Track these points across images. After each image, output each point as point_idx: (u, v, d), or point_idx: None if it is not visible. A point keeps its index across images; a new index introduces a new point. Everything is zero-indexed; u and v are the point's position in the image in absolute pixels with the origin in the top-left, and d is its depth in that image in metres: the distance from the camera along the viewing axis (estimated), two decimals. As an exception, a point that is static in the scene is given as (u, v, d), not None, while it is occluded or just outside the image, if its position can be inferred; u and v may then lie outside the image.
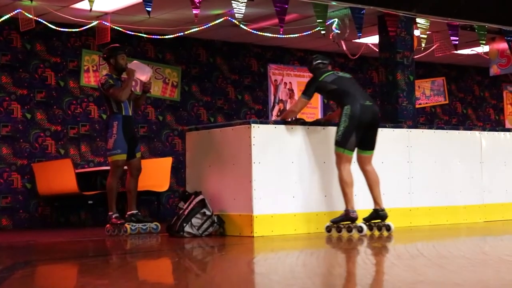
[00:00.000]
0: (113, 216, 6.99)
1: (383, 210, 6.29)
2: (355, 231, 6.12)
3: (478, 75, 13.77)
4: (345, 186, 6.16)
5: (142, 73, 7.03)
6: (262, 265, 4.35)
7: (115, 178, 6.96)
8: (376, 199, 6.31)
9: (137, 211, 7.10)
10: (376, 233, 6.26)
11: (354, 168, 6.33)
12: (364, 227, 6.13)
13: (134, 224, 6.99)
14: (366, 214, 6.37)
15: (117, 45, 7.33)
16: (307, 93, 6.49)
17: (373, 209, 6.33)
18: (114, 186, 6.97)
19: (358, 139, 6.17)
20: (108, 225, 7.05)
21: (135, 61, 7.21)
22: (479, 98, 13.89)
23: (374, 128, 6.30)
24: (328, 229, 6.27)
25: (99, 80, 7.11)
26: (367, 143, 6.28)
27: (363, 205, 6.52)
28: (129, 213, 7.06)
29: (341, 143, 6.15)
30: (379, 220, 6.31)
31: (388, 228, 6.26)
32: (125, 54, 7.11)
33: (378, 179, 6.33)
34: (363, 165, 6.34)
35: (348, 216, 6.16)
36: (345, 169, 6.15)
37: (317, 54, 6.80)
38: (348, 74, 6.61)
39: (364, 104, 6.20)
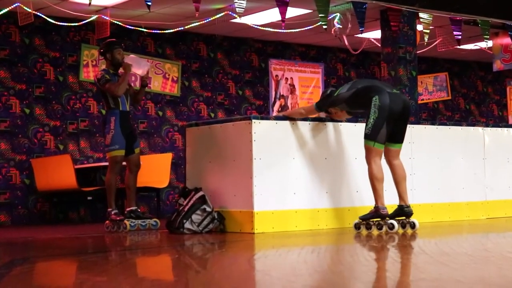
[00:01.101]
0: (112, 213, 6.94)
1: (408, 206, 6.04)
2: (386, 228, 5.92)
3: (481, 70, 13.71)
4: (375, 182, 5.90)
5: (139, 67, 6.97)
6: (263, 262, 4.30)
7: (113, 174, 6.92)
8: (402, 195, 6.05)
9: (136, 208, 7.05)
10: (400, 230, 6.02)
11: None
12: (396, 224, 5.89)
13: (134, 220, 6.94)
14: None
15: (114, 39, 7.28)
16: (321, 105, 6.32)
17: (398, 205, 6.08)
18: (113, 182, 6.92)
19: (389, 131, 5.88)
20: (107, 222, 7.00)
21: (131, 55, 7.15)
22: (482, 93, 13.83)
23: (405, 119, 6.01)
24: (357, 226, 6.03)
25: (95, 75, 7.05)
26: (396, 135, 5.99)
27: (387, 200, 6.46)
28: (128, 209, 7.02)
29: (371, 135, 5.83)
30: (403, 217, 6.06)
31: (413, 225, 6.01)
32: (122, 49, 7.04)
33: (405, 174, 6.08)
34: (391, 158, 6.05)
35: (378, 213, 5.91)
36: (376, 164, 5.89)
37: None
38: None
39: (392, 92, 5.95)
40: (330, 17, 8.93)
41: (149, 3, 7.20)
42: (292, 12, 9.05)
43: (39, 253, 5.36)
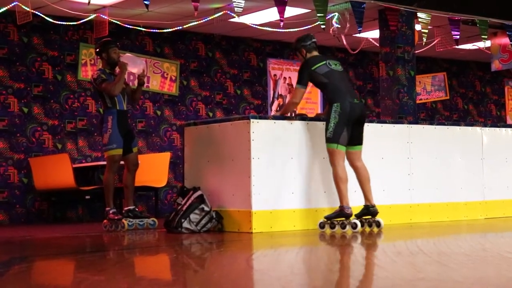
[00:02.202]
0: (110, 212, 6.94)
1: (373, 206, 6.28)
2: (349, 228, 6.08)
3: (480, 70, 13.72)
4: (339, 182, 6.13)
5: (135, 65, 6.95)
6: (261, 262, 4.30)
7: (111, 173, 6.91)
8: (367, 195, 6.29)
9: (134, 207, 7.05)
10: (367, 229, 6.23)
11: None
12: (359, 223, 6.09)
13: (131, 220, 6.94)
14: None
15: (109, 39, 7.27)
16: (302, 82, 6.39)
17: (364, 205, 6.31)
18: (111, 182, 6.91)
19: (349, 135, 6.17)
20: (105, 221, 6.99)
21: (127, 54, 7.14)
22: (481, 93, 13.84)
23: (361, 124, 6.33)
24: (322, 226, 6.22)
25: (92, 75, 7.04)
26: (355, 138, 6.27)
27: (358, 201, 6.47)
28: (126, 208, 7.01)
29: (333, 139, 6.12)
30: (369, 216, 6.29)
31: (378, 224, 6.24)
32: (118, 48, 7.03)
33: (368, 175, 6.32)
34: (354, 161, 6.31)
35: (342, 212, 6.12)
36: (339, 165, 6.14)
37: (307, 34, 6.72)
38: (339, 67, 6.50)
39: (353, 102, 6.23)
40: (328, 17, 8.93)
41: (148, 2, 7.19)
42: (291, 11, 9.05)
43: (37, 252, 5.36)
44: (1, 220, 8.97)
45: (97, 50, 6.99)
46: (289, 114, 6.72)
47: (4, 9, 8.33)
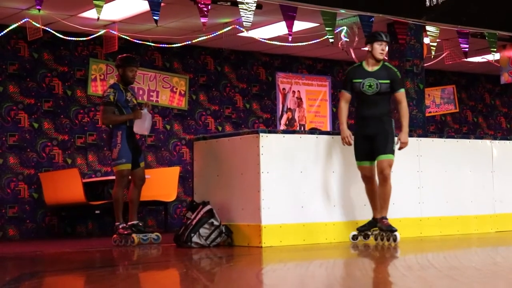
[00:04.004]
0: (120, 226, 6.95)
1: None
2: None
3: (489, 83, 13.69)
4: (390, 194, 6.30)
5: (141, 125, 6.96)
6: (271, 276, 4.29)
7: (120, 188, 6.94)
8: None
9: (137, 222, 7.06)
10: (384, 243, 6.25)
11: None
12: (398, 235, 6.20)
13: (136, 234, 6.95)
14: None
15: (131, 56, 7.29)
16: (345, 88, 6.53)
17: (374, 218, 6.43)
18: (120, 196, 6.94)
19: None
20: (115, 235, 7.00)
21: (149, 115, 7.05)
22: (490, 106, 13.79)
23: None
24: (355, 238, 6.46)
25: (104, 90, 7.08)
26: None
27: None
28: (129, 223, 7.03)
29: (393, 151, 6.29)
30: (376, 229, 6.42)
31: (395, 238, 6.24)
32: (136, 67, 7.07)
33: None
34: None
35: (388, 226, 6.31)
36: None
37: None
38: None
39: None
40: (337, 31, 8.95)
41: (157, 18, 7.24)
42: (299, 25, 9.08)
43: (47, 268, 5.36)
44: (11, 235, 9.00)
45: (117, 64, 7.09)
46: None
47: (15, 25, 8.40)
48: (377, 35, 6.28)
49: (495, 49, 9.77)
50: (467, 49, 9.57)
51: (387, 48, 6.30)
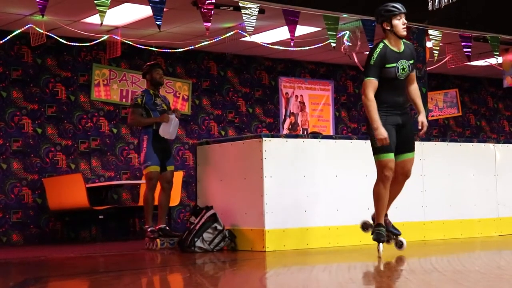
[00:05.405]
0: (148, 230, 7.04)
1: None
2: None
3: (492, 86, 13.68)
4: None
5: (167, 130, 7.11)
6: (274, 281, 4.29)
7: (149, 191, 7.09)
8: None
9: (164, 226, 7.12)
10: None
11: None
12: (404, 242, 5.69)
13: (162, 238, 7.00)
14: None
15: (153, 62, 7.69)
16: (369, 73, 5.47)
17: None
18: (150, 199, 7.07)
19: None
20: (146, 238, 7.11)
21: (177, 121, 7.23)
22: (493, 109, 13.78)
23: None
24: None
25: (134, 94, 7.52)
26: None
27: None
28: (157, 227, 7.11)
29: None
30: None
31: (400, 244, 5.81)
32: (161, 69, 7.42)
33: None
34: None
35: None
36: None
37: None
38: None
39: None
40: (339, 35, 8.96)
41: (159, 23, 7.26)
42: (302, 30, 9.09)
43: (51, 273, 5.37)
44: (16, 240, 9.01)
45: (143, 73, 7.42)
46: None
47: (19, 31, 8.43)
48: (393, 9, 5.37)
49: (497, 53, 9.77)
50: (469, 53, 9.56)
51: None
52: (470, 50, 9.55)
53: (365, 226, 5.87)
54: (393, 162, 5.45)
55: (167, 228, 7.18)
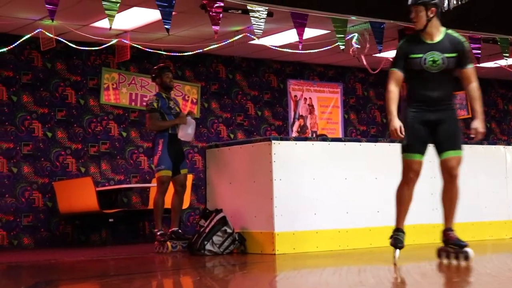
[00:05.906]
0: (158, 233, 7.05)
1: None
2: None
3: (502, 88, 13.62)
4: (458, 198, 5.24)
5: (186, 131, 7.14)
6: (284, 284, 4.28)
7: (160, 194, 7.10)
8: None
9: (177, 228, 7.13)
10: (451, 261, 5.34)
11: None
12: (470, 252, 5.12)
13: (175, 241, 7.01)
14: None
15: (162, 65, 7.65)
16: (397, 64, 5.07)
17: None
18: (160, 203, 7.07)
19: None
20: (156, 242, 7.10)
21: (193, 122, 7.25)
22: (503, 111, 13.72)
23: None
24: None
25: (147, 99, 7.46)
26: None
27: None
28: (170, 230, 7.14)
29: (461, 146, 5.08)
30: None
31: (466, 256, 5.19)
32: (171, 73, 7.40)
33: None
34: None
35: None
36: None
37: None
38: None
39: None
40: (348, 37, 8.95)
41: (168, 27, 7.28)
42: (310, 33, 9.09)
43: (62, 276, 5.39)
44: (26, 244, 9.05)
45: (152, 76, 7.38)
46: None
47: (29, 36, 8.48)
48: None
49: (507, 54, 9.74)
50: (479, 55, 9.53)
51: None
52: (479, 51, 9.51)
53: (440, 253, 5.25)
54: (418, 164, 5.16)
55: (180, 231, 7.19)
